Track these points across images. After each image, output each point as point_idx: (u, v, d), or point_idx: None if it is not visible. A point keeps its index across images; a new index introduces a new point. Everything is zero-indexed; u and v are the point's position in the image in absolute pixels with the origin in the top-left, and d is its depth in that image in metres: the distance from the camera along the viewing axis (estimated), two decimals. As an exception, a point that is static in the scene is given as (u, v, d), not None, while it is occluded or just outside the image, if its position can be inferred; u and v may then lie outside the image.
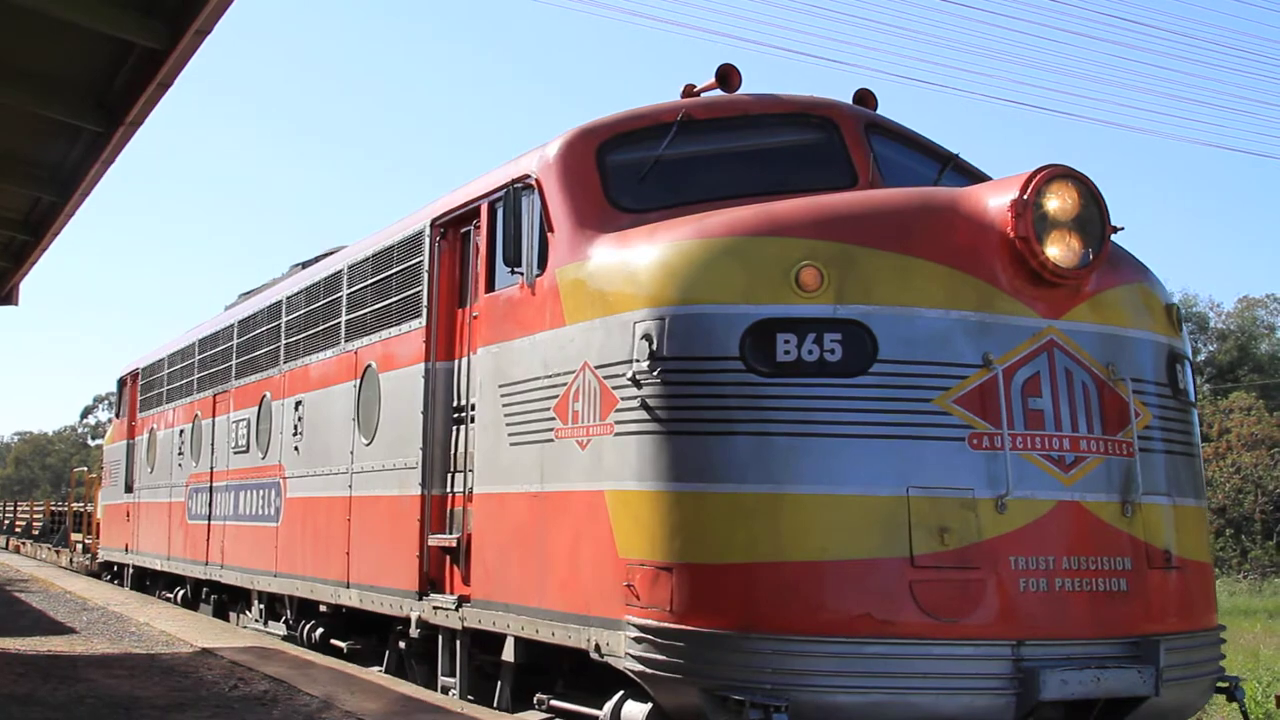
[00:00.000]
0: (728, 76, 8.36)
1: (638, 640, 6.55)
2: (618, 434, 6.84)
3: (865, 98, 8.72)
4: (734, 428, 6.43)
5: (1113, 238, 6.78)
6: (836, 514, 6.22)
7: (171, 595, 18.08)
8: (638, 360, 6.72)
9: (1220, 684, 7.07)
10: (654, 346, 6.64)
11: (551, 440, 7.49)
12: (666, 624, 6.41)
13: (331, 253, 13.14)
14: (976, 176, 8.54)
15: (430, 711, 8.28)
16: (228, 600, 15.53)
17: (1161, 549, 6.67)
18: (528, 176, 8.08)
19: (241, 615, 14.76)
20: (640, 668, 6.53)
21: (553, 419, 7.48)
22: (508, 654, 8.00)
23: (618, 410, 6.85)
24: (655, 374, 6.61)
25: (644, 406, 6.66)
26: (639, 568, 6.61)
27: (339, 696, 8.87)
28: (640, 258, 6.98)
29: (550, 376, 7.55)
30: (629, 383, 6.75)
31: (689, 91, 8.60)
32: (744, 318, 6.47)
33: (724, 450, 6.43)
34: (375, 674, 10.20)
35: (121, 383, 22.10)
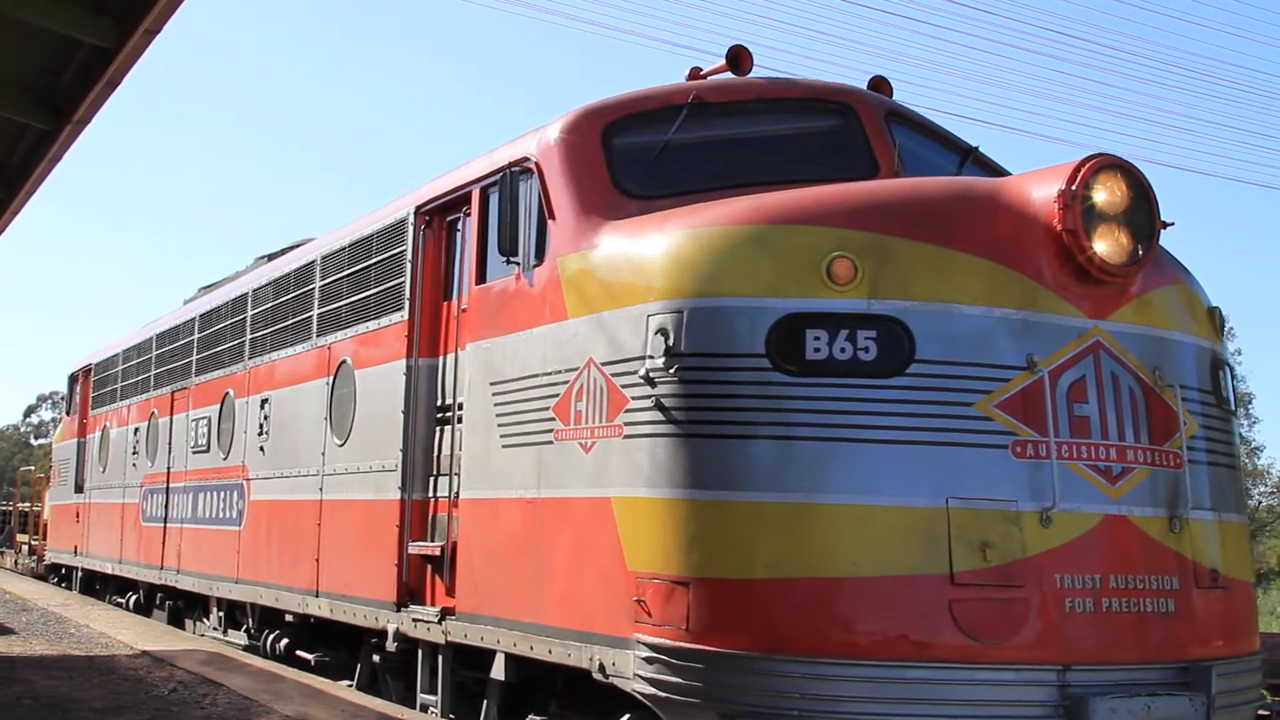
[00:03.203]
0: (739, 59, 7.85)
1: (649, 661, 6.02)
2: (627, 436, 6.31)
3: (880, 85, 8.25)
4: (758, 431, 5.92)
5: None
6: (870, 526, 5.73)
7: (123, 600, 17.34)
8: (652, 357, 6.20)
9: (1262, 712, 6.66)
10: (670, 342, 6.12)
11: (550, 442, 6.95)
12: (682, 644, 5.89)
13: (300, 244, 12.54)
14: (997, 171, 8.10)
15: (411, 732, 7.73)
16: (184, 607, 14.84)
17: (1208, 567, 6.25)
18: (526, 159, 7.54)
19: (199, 623, 14.08)
20: (652, 691, 6.00)
21: (552, 420, 6.95)
22: (497, 671, 7.44)
23: (628, 411, 6.33)
24: (671, 372, 6.10)
25: (658, 407, 6.14)
26: (651, 582, 6.08)
27: (310, 713, 8.28)
28: (655, 246, 6.46)
29: (550, 374, 7.02)
30: (641, 381, 6.23)
31: (695, 75, 8.09)
32: (770, 312, 5.97)
33: (747, 456, 5.92)
34: (347, 690, 9.60)
35: (73, 379, 21.32)
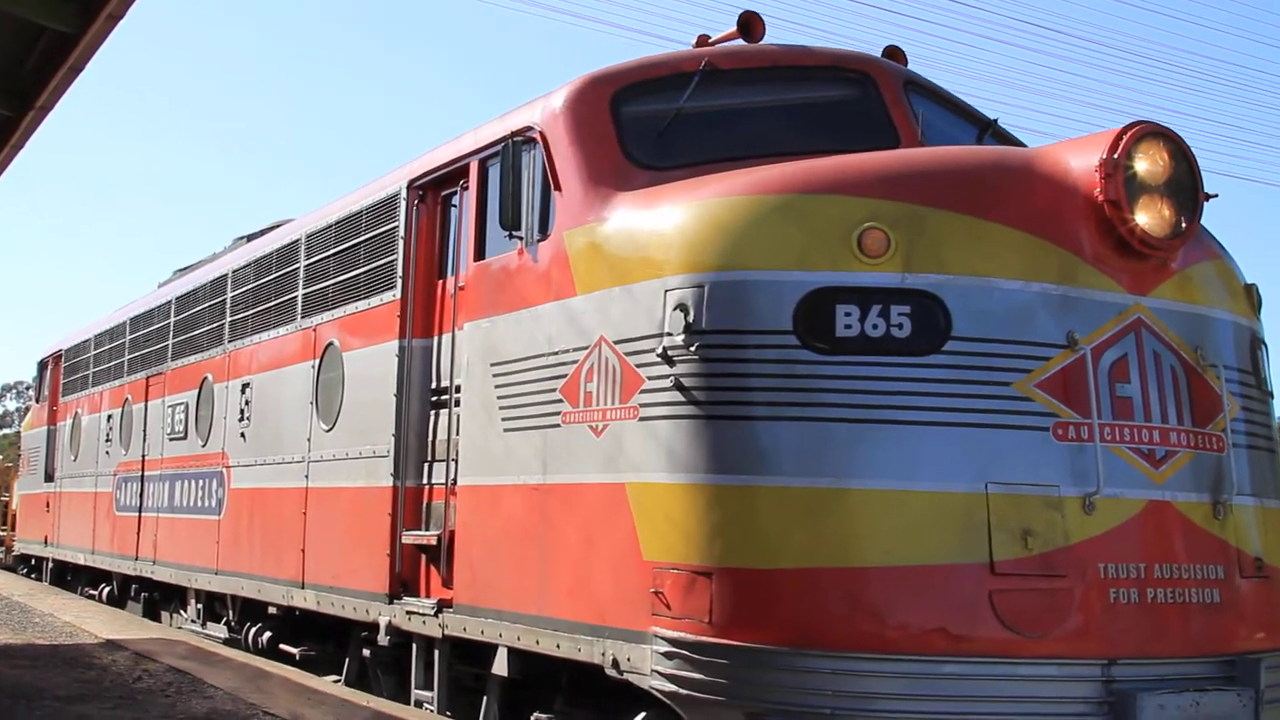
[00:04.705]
0: (750, 25, 7.50)
1: (668, 656, 5.68)
2: (643, 419, 5.97)
3: (895, 54, 7.91)
4: (785, 412, 5.58)
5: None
6: (905, 513, 5.41)
7: (96, 592, 16.87)
8: (670, 334, 5.85)
9: None
10: (690, 318, 5.77)
11: (557, 425, 6.59)
12: (705, 638, 5.55)
13: (280, 224, 12.12)
14: (1016, 145, 7.79)
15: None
16: (160, 599, 14.40)
17: (1252, 555, 5.96)
18: (530, 129, 7.17)
19: (175, 615, 13.66)
20: (672, 688, 5.66)
21: (559, 401, 6.59)
22: (499, 667, 7.08)
23: (643, 391, 5.98)
24: (692, 349, 5.75)
25: (677, 387, 5.80)
26: (670, 572, 5.74)
27: (301, 712, 7.91)
28: (672, 217, 6.11)
29: (556, 354, 6.66)
30: (658, 360, 5.88)
31: (703, 43, 7.73)
32: (799, 286, 5.63)
33: (773, 438, 5.59)
34: (336, 685, 9.22)
35: (42, 365, 20.80)
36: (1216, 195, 6.03)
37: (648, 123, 6.94)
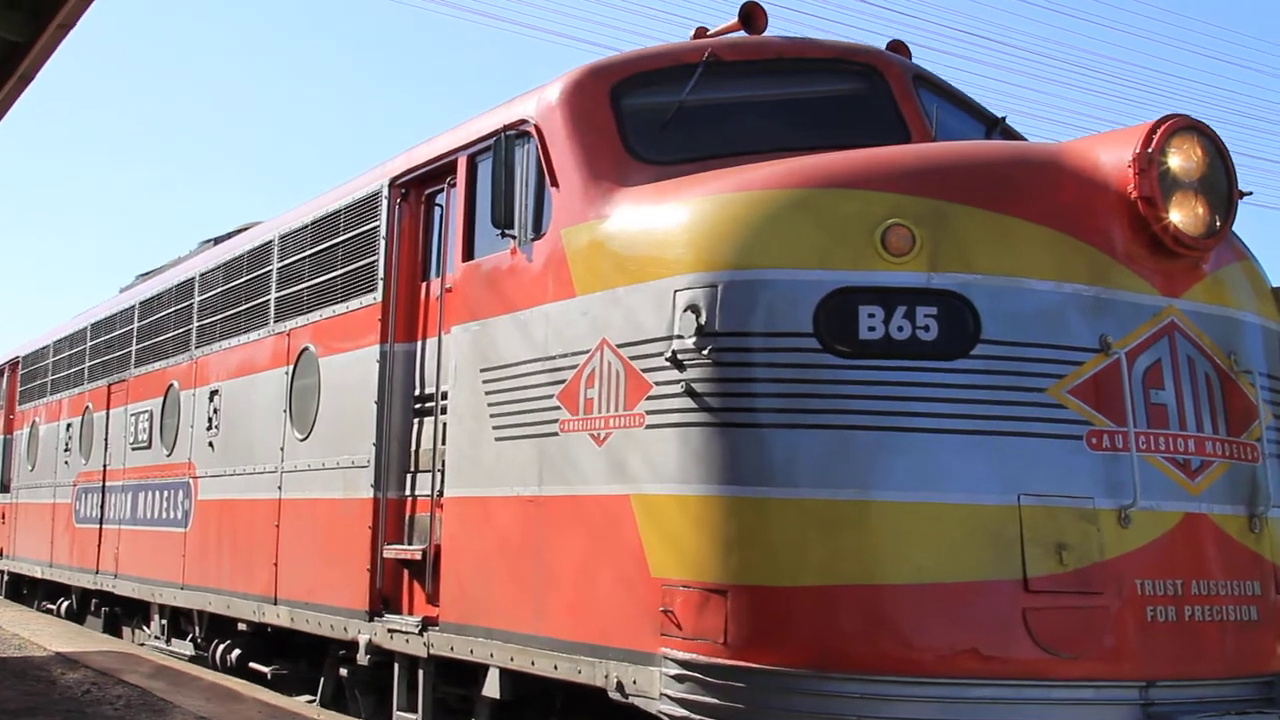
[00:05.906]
0: (752, 16, 7.19)
1: (679, 679, 5.34)
2: (651, 426, 5.63)
3: (899, 48, 7.62)
4: (805, 419, 5.26)
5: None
6: (935, 527, 5.10)
7: (54, 606, 16.33)
8: (680, 336, 5.51)
9: None
10: (702, 320, 5.44)
11: (555, 434, 6.24)
12: (720, 660, 5.21)
13: (249, 227, 11.69)
14: (1025, 143, 7.52)
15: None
16: (121, 614, 13.90)
17: None
18: (524, 122, 6.82)
19: (138, 631, 13.16)
20: (683, 712, 5.31)
21: (557, 409, 6.24)
22: (490, 689, 6.71)
23: (650, 398, 5.64)
24: (704, 353, 5.42)
25: (688, 392, 5.46)
26: (680, 590, 5.40)
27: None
28: (681, 214, 5.77)
29: (554, 358, 6.31)
30: (667, 364, 5.55)
31: (702, 35, 7.42)
32: (819, 286, 5.31)
33: (793, 447, 5.26)
34: (311, 707, 8.81)
35: (-2, 372, 20.21)
36: (1251, 193, 5.76)
37: (650, 115, 6.63)
